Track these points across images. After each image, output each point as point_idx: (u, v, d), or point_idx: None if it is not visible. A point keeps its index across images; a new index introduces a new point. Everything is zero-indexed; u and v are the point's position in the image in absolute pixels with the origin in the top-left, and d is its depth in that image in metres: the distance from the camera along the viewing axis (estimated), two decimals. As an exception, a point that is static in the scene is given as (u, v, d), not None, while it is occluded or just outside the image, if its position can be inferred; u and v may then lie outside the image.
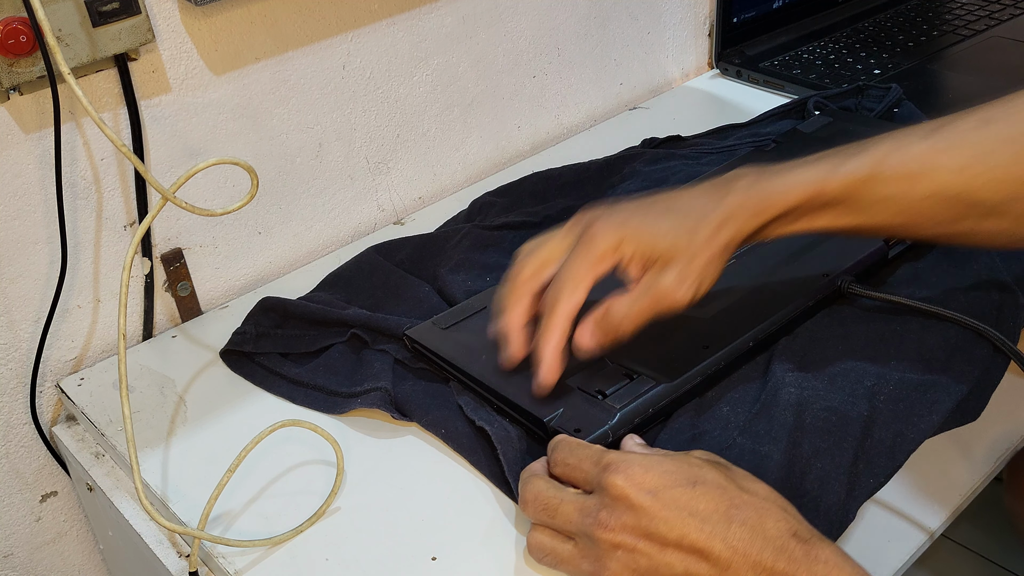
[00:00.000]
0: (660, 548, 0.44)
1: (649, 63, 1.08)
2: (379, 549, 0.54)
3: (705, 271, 0.52)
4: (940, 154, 0.51)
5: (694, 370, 0.58)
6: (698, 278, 0.52)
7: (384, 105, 0.85)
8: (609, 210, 0.54)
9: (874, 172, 0.52)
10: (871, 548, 0.53)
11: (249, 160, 0.77)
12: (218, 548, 0.55)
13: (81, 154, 0.68)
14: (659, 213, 0.53)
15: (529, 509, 0.50)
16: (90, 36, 0.63)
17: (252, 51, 0.74)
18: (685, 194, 0.55)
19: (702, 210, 0.53)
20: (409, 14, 0.83)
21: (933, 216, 0.53)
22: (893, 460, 0.54)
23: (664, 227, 0.52)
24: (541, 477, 0.51)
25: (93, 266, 0.72)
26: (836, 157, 0.53)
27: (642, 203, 0.55)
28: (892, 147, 0.52)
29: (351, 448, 0.61)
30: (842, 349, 0.61)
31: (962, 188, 0.51)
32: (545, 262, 0.56)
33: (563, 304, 0.53)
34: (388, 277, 0.76)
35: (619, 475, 0.46)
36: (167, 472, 0.61)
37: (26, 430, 0.72)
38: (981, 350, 0.60)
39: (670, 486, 0.46)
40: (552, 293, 0.54)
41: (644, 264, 0.52)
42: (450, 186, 0.94)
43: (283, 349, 0.70)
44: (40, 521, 0.76)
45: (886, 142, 0.53)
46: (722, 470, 0.47)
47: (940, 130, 0.52)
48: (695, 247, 0.52)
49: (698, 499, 0.45)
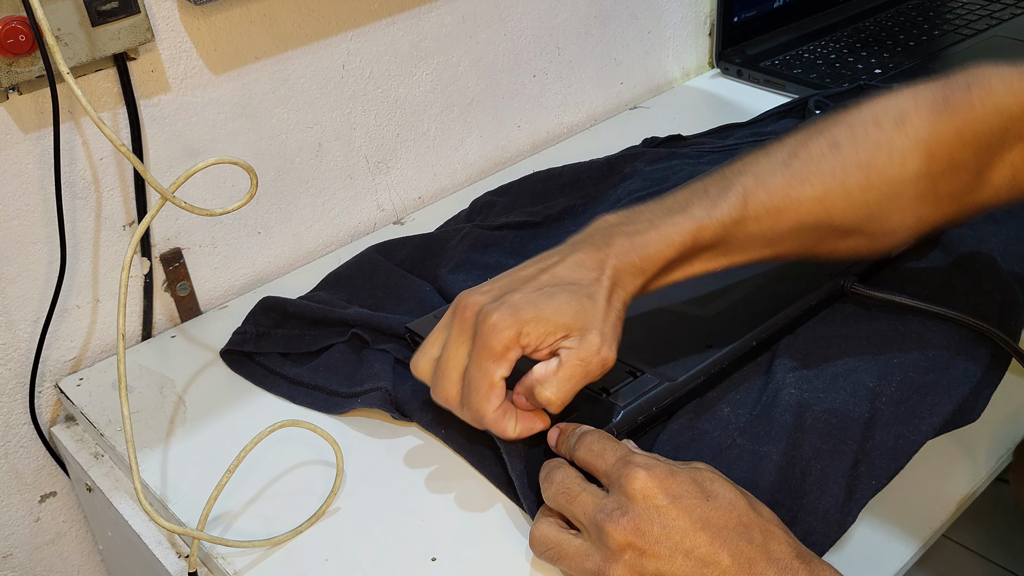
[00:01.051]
0: (669, 554, 0.45)
1: (650, 62, 1.08)
2: (379, 549, 0.54)
3: (615, 334, 0.52)
4: (800, 185, 0.54)
5: (697, 369, 0.58)
6: (613, 338, 0.51)
7: (384, 105, 0.85)
8: (492, 300, 0.52)
9: (743, 213, 0.54)
10: (871, 548, 0.53)
11: (248, 160, 0.77)
12: (217, 548, 0.55)
13: (80, 154, 0.68)
14: (547, 296, 0.51)
15: (551, 490, 0.50)
16: (89, 35, 0.63)
17: (252, 50, 0.74)
18: (560, 265, 0.53)
19: (587, 281, 0.52)
20: (409, 13, 0.83)
21: (798, 243, 0.56)
22: (895, 462, 0.54)
23: (557, 306, 0.51)
24: (572, 467, 0.51)
25: (92, 266, 0.71)
26: (703, 200, 0.54)
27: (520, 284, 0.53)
28: (755, 183, 0.54)
29: (351, 448, 0.61)
30: (844, 349, 0.61)
31: (822, 216, 0.54)
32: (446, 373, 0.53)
33: (487, 413, 0.52)
34: (389, 277, 0.75)
35: (642, 474, 0.47)
36: (166, 472, 0.61)
37: (25, 430, 0.72)
38: (983, 350, 0.60)
39: (688, 495, 0.46)
40: (473, 407, 0.52)
41: (551, 344, 0.51)
42: (450, 186, 0.93)
43: (283, 349, 0.70)
44: (39, 521, 0.76)
45: (748, 177, 0.55)
46: (733, 487, 0.48)
47: (795, 158, 0.55)
48: (598, 314, 0.51)
49: (712, 512, 0.46)
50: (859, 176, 0.54)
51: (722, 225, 0.53)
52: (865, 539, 0.53)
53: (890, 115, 0.54)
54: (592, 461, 0.50)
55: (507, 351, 0.50)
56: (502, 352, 0.50)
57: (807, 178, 0.54)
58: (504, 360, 0.51)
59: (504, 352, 0.50)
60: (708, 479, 0.47)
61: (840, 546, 0.52)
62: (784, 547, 0.45)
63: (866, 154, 0.54)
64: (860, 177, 0.54)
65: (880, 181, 0.54)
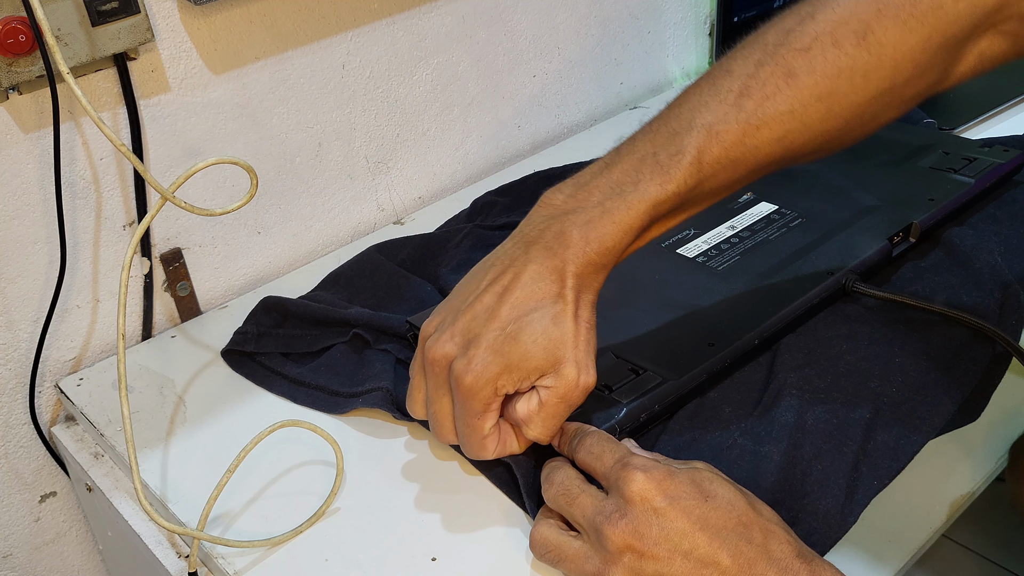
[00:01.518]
0: (669, 556, 0.44)
1: (650, 62, 1.08)
2: (379, 549, 0.54)
3: (589, 351, 0.51)
4: (756, 132, 0.50)
5: (700, 367, 0.58)
6: (588, 359, 0.50)
7: (384, 105, 0.85)
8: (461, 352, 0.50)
9: (701, 174, 0.50)
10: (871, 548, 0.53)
11: (248, 160, 0.77)
12: (217, 549, 0.55)
13: (80, 154, 0.68)
14: (511, 339, 0.49)
15: (551, 491, 0.50)
16: (89, 35, 0.63)
17: (251, 50, 0.74)
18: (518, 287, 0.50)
19: (550, 298, 0.50)
20: (409, 13, 0.83)
21: (756, 177, 0.52)
22: (896, 462, 0.54)
23: (524, 349, 0.49)
24: (573, 468, 0.51)
25: (92, 266, 0.71)
26: (655, 171, 0.50)
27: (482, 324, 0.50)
28: (707, 138, 0.50)
29: (351, 448, 0.61)
30: (846, 349, 0.61)
31: (781, 154, 0.51)
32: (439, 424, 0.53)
33: (487, 457, 0.53)
34: (390, 277, 0.75)
35: (640, 477, 0.46)
36: (166, 472, 0.61)
37: (25, 430, 0.72)
38: (983, 349, 0.60)
39: (687, 496, 0.46)
40: (472, 455, 0.53)
41: (529, 385, 0.51)
42: (450, 186, 0.93)
43: (285, 349, 0.70)
44: (39, 521, 0.76)
45: (699, 132, 0.50)
46: (732, 486, 0.47)
47: (748, 96, 0.50)
48: (567, 342, 0.50)
49: (710, 512, 0.45)
50: (820, 109, 0.50)
51: (678, 195, 0.50)
52: (865, 539, 0.53)
53: (850, 30, 0.49)
54: (591, 463, 0.50)
55: (488, 407, 0.51)
56: (483, 410, 0.51)
57: (764, 122, 0.50)
58: (487, 414, 0.51)
59: (485, 409, 0.51)
60: (707, 479, 0.47)
61: (840, 546, 0.52)
62: (785, 547, 0.45)
63: (827, 83, 0.49)
64: (821, 110, 0.50)
65: (842, 109, 0.50)
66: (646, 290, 0.67)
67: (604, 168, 0.52)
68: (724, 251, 0.70)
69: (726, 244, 0.71)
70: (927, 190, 0.74)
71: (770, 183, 0.71)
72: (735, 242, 0.71)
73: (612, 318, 0.63)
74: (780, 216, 0.74)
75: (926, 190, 0.74)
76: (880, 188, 0.76)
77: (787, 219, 0.73)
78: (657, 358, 0.59)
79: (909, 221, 0.70)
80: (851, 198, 0.75)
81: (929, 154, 0.80)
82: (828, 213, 0.73)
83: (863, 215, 0.72)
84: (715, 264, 0.69)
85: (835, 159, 0.71)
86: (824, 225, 0.72)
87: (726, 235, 0.72)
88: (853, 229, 0.70)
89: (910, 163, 0.79)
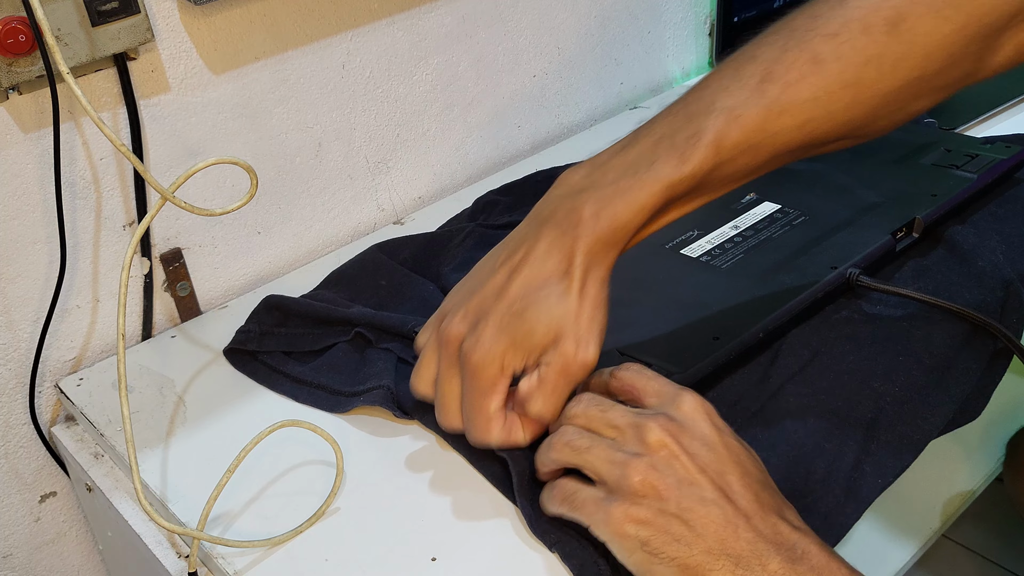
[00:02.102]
0: (700, 470, 0.45)
1: (649, 62, 1.08)
2: (379, 549, 0.54)
3: (593, 326, 0.50)
4: (778, 118, 0.48)
5: (704, 361, 0.58)
6: (590, 335, 0.50)
7: (384, 105, 0.85)
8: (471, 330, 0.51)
9: (716, 160, 0.49)
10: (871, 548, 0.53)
11: (248, 160, 0.77)
12: (217, 549, 0.55)
13: (80, 154, 0.68)
14: (517, 316, 0.50)
15: (581, 405, 0.50)
16: (89, 35, 0.63)
17: (251, 50, 0.74)
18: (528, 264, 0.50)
19: (557, 275, 0.50)
20: (409, 13, 0.83)
21: (776, 165, 0.52)
22: (899, 461, 0.54)
23: (528, 327, 0.49)
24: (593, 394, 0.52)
25: (92, 266, 0.71)
26: (671, 152, 0.49)
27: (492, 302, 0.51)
28: (726, 122, 0.49)
29: (351, 448, 0.61)
30: (848, 348, 0.61)
31: (803, 140, 0.50)
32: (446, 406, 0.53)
33: (490, 442, 0.52)
34: (392, 276, 0.75)
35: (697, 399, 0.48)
36: (166, 472, 0.61)
37: (25, 430, 0.72)
38: (984, 347, 0.60)
39: (730, 434, 0.48)
40: (476, 438, 0.53)
41: (533, 362, 0.51)
42: (450, 186, 0.93)
43: (287, 348, 0.70)
44: (39, 521, 0.76)
45: (718, 115, 0.49)
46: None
47: (771, 81, 0.48)
48: (569, 316, 0.49)
49: (745, 457, 0.47)
50: (845, 97, 0.48)
51: (694, 178, 0.49)
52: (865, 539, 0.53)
53: (882, 16, 0.48)
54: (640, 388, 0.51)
55: (494, 385, 0.51)
56: (489, 388, 0.51)
57: (786, 108, 0.48)
58: (494, 393, 0.51)
59: (491, 387, 0.51)
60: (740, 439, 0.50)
61: (840, 546, 0.52)
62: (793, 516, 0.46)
63: (854, 71, 0.48)
64: (847, 97, 0.48)
65: (869, 97, 0.49)
66: (650, 289, 0.67)
67: (622, 148, 0.52)
68: (728, 250, 0.70)
69: (730, 243, 0.71)
70: (930, 186, 0.74)
71: (773, 183, 0.71)
72: (739, 241, 0.71)
73: (616, 317, 0.63)
74: (783, 215, 0.74)
75: (929, 186, 0.74)
76: (882, 185, 0.76)
77: (790, 217, 0.73)
78: (662, 353, 0.59)
79: (912, 216, 0.70)
80: (854, 196, 0.75)
81: (931, 151, 0.80)
82: (831, 211, 0.73)
83: (866, 212, 0.72)
84: (719, 263, 0.69)
85: (837, 158, 0.71)
86: (827, 222, 0.72)
87: (729, 235, 0.72)
88: (856, 225, 0.71)
89: (912, 160, 0.80)
